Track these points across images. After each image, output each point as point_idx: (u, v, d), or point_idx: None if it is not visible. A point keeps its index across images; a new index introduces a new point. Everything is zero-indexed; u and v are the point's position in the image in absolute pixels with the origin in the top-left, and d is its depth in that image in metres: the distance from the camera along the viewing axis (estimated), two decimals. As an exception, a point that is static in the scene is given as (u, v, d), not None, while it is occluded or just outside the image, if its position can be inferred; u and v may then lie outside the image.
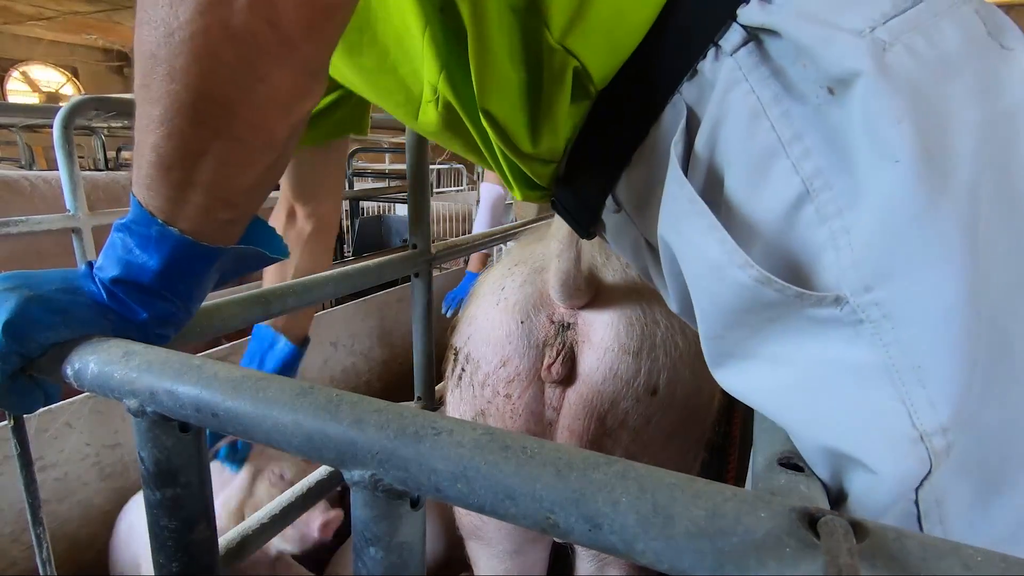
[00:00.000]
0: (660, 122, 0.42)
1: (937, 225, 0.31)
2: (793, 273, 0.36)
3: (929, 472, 0.32)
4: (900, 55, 0.34)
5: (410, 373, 1.04)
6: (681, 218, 0.39)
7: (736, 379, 0.42)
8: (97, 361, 0.37)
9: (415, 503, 0.28)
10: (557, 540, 0.83)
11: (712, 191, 0.39)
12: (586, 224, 0.53)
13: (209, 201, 0.40)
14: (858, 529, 0.18)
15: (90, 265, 0.44)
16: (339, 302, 1.83)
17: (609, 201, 0.49)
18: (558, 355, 0.70)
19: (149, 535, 0.39)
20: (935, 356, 0.32)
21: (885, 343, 0.32)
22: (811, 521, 0.18)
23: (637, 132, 0.44)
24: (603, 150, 0.47)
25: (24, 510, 0.47)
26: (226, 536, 0.67)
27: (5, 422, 0.39)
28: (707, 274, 0.38)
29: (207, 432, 0.40)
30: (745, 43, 0.37)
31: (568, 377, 0.70)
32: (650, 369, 0.69)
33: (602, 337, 0.69)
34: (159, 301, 0.42)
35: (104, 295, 0.42)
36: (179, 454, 0.36)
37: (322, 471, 0.80)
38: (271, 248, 0.48)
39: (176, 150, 0.37)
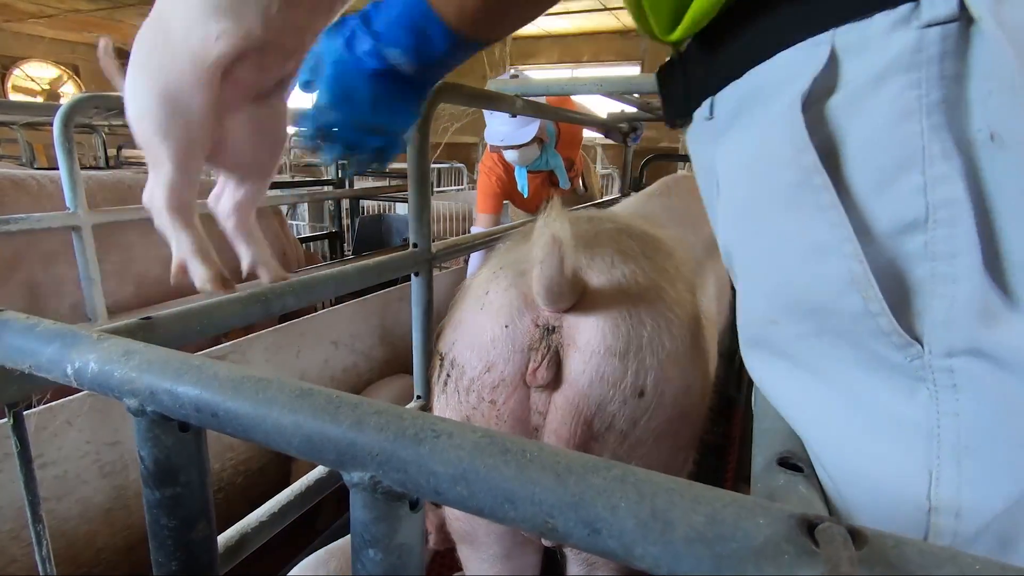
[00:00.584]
0: (791, 53, 0.35)
1: None
2: None
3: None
4: None
5: (410, 372, 1.04)
6: (787, 185, 0.34)
7: (766, 370, 0.41)
8: (97, 360, 0.37)
9: (414, 505, 0.28)
10: (546, 544, 0.83)
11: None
12: (674, 114, 0.50)
13: None
14: (857, 536, 0.18)
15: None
16: (339, 301, 1.83)
17: (706, 105, 0.43)
18: (543, 359, 0.69)
19: (148, 534, 0.39)
20: (990, 445, 0.30)
21: (940, 412, 0.30)
22: (810, 528, 0.18)
23: (763, 50, 0.36)
24: (722, 53, 0.40)
25: (23, 508, 0.47)
26: (225, 535, 0.67)
27: (5, 419, 0.39)
28: (799, 253, 0.34)
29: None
30: (949, 21, 0.29)
31: (554, 381, 0.69)
32: (637, 370, 0.68)
33: (588, 339, 0.68)
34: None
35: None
36: (179, 453, 0.36)
37: (321, 470, 0.80)
38: None
39: None
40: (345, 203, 3.68)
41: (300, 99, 0.61)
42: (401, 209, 3.78)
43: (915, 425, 0.31)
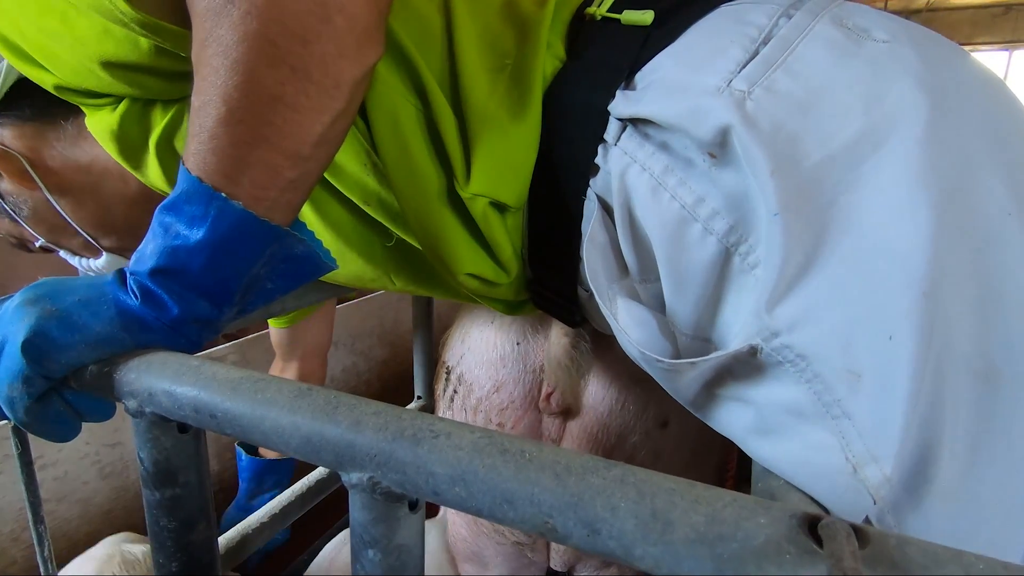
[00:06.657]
0: (586, 218, 0.44)
1: (827, 270, 0.32)
2: (721, 331, 0.38)
3: (876, 505, 0.31)
4: (761, 100, 0.35)
5: (410, 372, 1.04)
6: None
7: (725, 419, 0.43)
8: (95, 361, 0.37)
9: (413, 506, 0.28)
10: (556, 568, 0.80)
11: (645, 269, 0.42)
12: (570, 314, 0.54)
13: (277, 157, 0.37)
14: (859, 535, 0.18)
15: (120, 273, 0.39)
16: (339, 301, 1.82)
17: (580, 289, 0.50)
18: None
19: (148, 535, 0.39)
20: (849, 388, 0.31)
21: (808, 379, 0.33)
22: (812, 526, 0.18)
23: (572, 232, 0.46)
24: (554, 252, 0.49)
25: (24, 509, 0.47)
26: (226, 535, 0.67)
27: (5, 421, 0.39)
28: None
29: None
30: (623, 130, 0.40)
31: (569, 408, 0.63)
32: (660, 399, 0.61)
33: (609, 363, 0.62)
34: (197, 297, 0.38)
35: (135, 295, 0.37)
36: (178, 454, 0.36)
37: (320, 472, 0.80)
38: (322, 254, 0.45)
39: (248, 98, 0.35)
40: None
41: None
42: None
43: (805, 402, 0.33)
